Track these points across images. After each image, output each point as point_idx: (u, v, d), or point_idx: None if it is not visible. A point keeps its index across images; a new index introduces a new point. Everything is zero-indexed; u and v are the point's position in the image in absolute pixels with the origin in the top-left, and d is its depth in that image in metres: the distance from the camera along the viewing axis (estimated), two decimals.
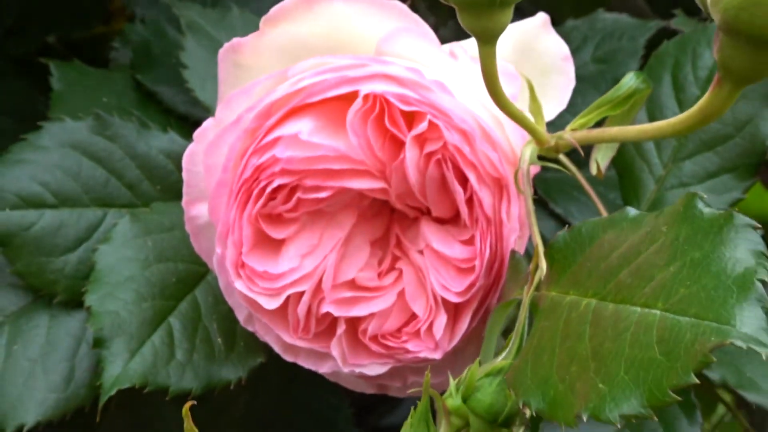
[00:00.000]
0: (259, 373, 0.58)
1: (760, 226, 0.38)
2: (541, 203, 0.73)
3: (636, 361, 0.37)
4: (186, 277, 0.57)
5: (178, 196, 0.58)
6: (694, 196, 0.40)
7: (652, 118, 0.61)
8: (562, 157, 0.54)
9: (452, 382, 0.45)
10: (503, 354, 0.45)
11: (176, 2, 0.67)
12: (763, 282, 0.36)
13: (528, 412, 0.44)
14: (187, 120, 0.67)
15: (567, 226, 0.47)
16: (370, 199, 0.53)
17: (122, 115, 0.60)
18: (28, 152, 0.59)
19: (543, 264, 0.47)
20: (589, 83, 0.73)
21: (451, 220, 0.53)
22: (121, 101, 0.66)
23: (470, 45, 0.54)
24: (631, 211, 0.44)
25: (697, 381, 0.35)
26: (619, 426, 0.37)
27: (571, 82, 0.55)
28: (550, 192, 0.73)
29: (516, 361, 0.44)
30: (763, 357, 0.34)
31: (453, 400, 0.45)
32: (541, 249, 0.47)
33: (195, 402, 0.41)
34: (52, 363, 0.58)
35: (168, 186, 0.61)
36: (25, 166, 0.58)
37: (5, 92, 0.79)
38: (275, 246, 0.52)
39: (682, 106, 0.60)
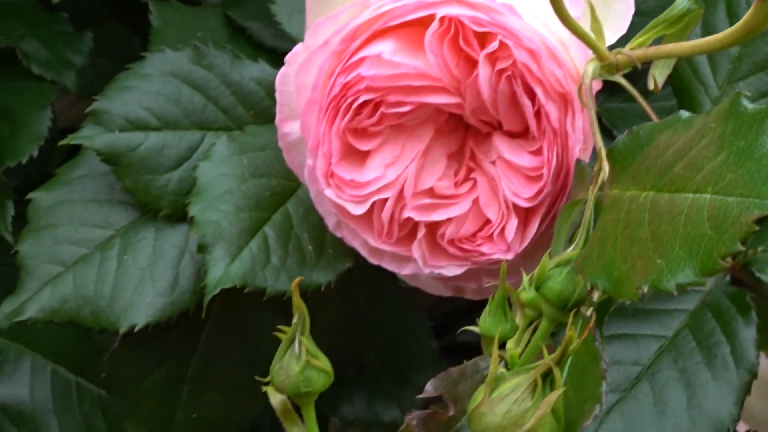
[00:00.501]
0: (347, 282, 0.62)
1: None
2: (606, 132, 0.75)
3: (689, 238, 0.41)
4: (279, 192, 0.61)
5: (269, 120, 0.62)
6: (738, 94, 0.43)
7: None
8: (626, 84, 0.58)
9: (525, 278, 0.49)
10: (571, 247, 0.48)
11: None
12: None
13: (595, 295, 0.48)
14: (275, 52, 0.71)
15: (627, 131, 0.51)
16: (447, 115, 0.57)
17: (217, 46, 0.65)
18: (133, 80, 0.63)
19: (605, 166, 0.50)
20: (649, 17, 0.75)
21: (520, 133, 0.56)
22: (214, 36, 0.69)
23: None
24: (684, 113, 0.47)
25: (743, 248, 0.39)
26: (675, 293, 0.41)
27: (630, 9, 0.57)
28: (616, 121, 0.75)
29: (583, 251, 0.47)
30: None
31: (527, 293, 0.48)
32: (603, 153, 0.50)
33: (301, 278, 0.46)
34: (159, 271, 0.62)
35: (259, 111, 0.64)
36: (131, 93, 0.63)
37: (103, 35, 0.82)
38: (361, 157, 0.56)
39: None
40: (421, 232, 0.57)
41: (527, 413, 0.41)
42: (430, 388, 0.47)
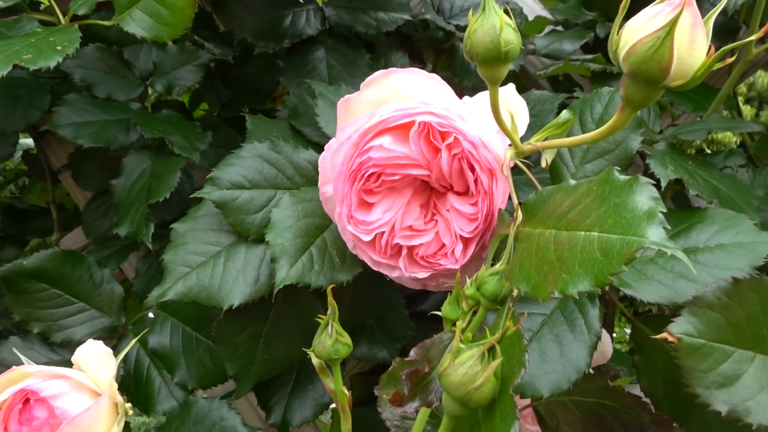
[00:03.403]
0: (357, 280, 0.53)
1: (655, 182, 0.32)
2: None
3: (585, 261, 0.32)
4: (319, 226, 0.52)
5: (314, 183, 0.52)
6: (611, 169, 0.35)
7: None
8: (521, 165, 0.49)
9: (468, 281, 0.41)
10: (499, 263, 0.40)
11: (314, 83, 0.62)
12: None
13: (516, 293, 0.39)
14: (318, 144, 0.61)
15: (534, 192, 0.42)
16: (420, 181, 0.48)
17: (285, 140, 0.55)
18: (235, 159, 0.53)
19: (519, 213, 0.41)
20: (528, 128, 0.67)
21: (464, 193, 0.47)
22: (283, 135, 0.60)
23: (473, 100, 0.49)
24: (572, 181, 0.39)
25: (626, 269, 0.30)
26: (577, 297, 0.31)
27: (527, 120, 0.49)
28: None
29: (508, 266, 0.38)
30: (669, 253, 0.29)
31: (470, 290, 0.40)
32: (518, 205, 0.42)
33: (333, 285, 0.36)
34: (248, 272, 0.52)
35: (309, 179, 0.54)
36: (233, 167, 0.53)
37: (222, 136, 0.76)
38: (369, 206, 0.47)
39: None
40: (404, 252, 0.47)
41: (478, 374, 0.33)
42: (413, 354, 0.37)
